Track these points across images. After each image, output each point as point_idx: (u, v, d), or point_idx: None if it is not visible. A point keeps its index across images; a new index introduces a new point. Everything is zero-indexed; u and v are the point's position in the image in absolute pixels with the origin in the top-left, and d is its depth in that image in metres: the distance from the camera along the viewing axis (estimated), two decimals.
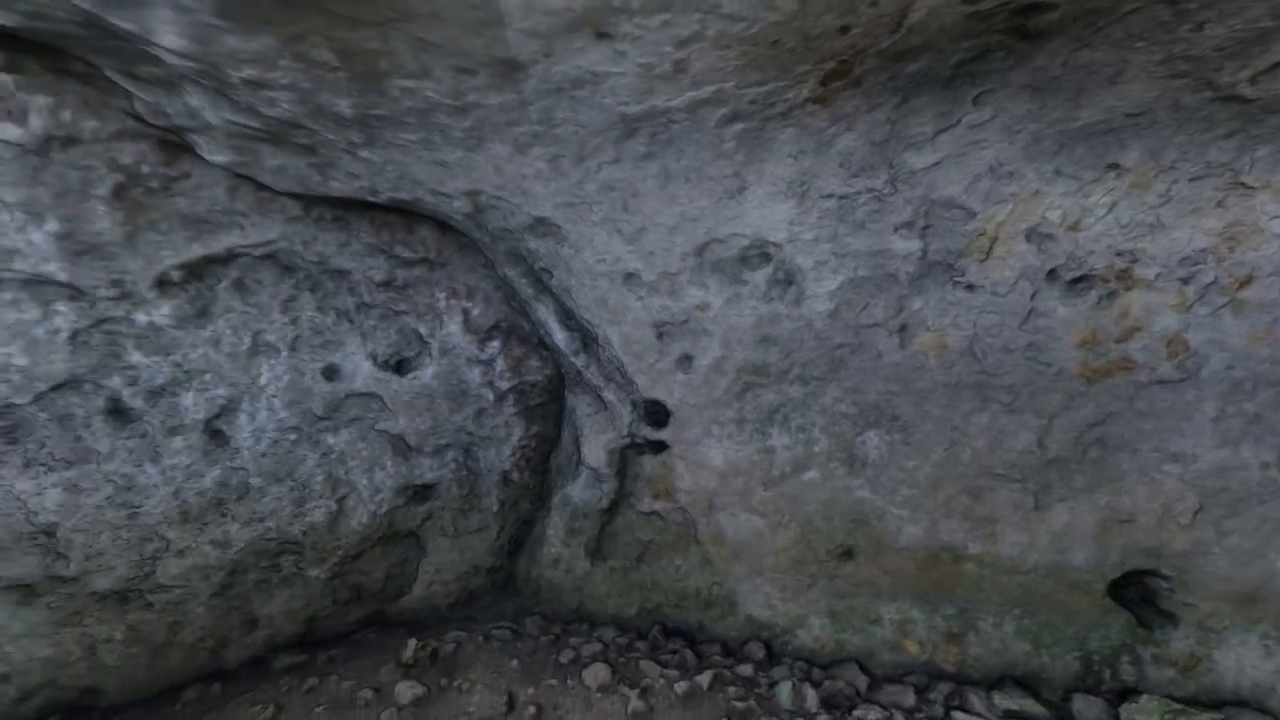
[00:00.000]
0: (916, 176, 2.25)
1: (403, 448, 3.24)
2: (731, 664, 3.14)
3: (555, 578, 3.51)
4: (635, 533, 3.44)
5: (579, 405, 3.37)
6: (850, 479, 3.00)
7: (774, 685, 2.98)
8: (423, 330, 3.13)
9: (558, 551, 3.50)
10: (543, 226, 2.53)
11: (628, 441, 3.23)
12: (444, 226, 2.91)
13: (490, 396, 3.36)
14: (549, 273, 2.81)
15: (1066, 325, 2.55)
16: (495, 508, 3.56)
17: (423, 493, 3.35)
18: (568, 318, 3.08)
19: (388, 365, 3.12)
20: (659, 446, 3.21)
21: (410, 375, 3.17)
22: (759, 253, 2.56)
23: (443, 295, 3.10)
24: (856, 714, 2.83)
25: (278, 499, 2.98)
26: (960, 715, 2.83)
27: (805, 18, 1.50)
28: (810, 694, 2.91)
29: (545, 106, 1.86)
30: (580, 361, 3.13)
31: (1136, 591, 2.98)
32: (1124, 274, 2.41)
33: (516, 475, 3.58)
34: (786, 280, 2.63)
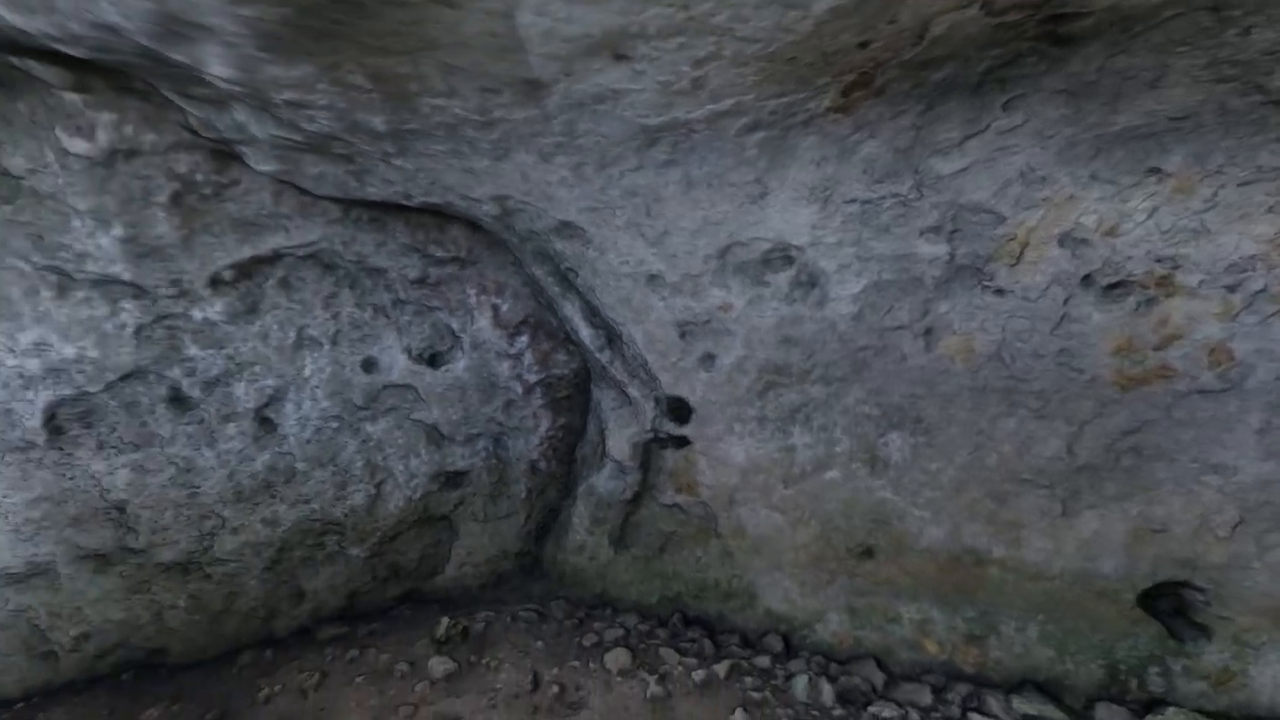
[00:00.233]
0: (943, 182, 2.23)
1: (436, 436, 3.42)
2: (749, 655, 3.24)
3: (580, 564, 3.67)
4: (658, 524, 3.56)
5: (604, 399, 3.48)
6: (872, 479, 3.03)
7: (790, 678, 3.07)
8: (455, 325, 3.29)
9: (583, 539, 3.65)
10: (568, 229, 2.62)
11: (651, 436, 3.33)
12: (474, 226, 3.03)
13: (519, 389, 3.50)
14: (574, 272, 2.91)
15: (1101, 331, 2.50)
16: (523, 495, 3.73)
17: (455, 479, 3.54)
18: (593, 315, 3.17)
19: (422, 358, 3.29)
20: (681, 441, 3.30)
21: (443, 368, 3.33)
22: (781, 255, 2.59)
23: (473, 292, 3.24)
24: (872, 710, 2.90)
25: (321, 482, 3.20)
26: (977, 717, 2.87)
27: (821, 37, 1.52)
28: (826, 688, 2.99)
29: (568, 120, 1.93)
30: (605, 358, 3.24)
31: (1169, 603, 2.94)
32: (1164, 280, 2.35)
33: (544, 464, 3.74)
34: (809, 282, 2.65)
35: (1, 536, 2.74)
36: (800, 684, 3.00)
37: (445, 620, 3.22)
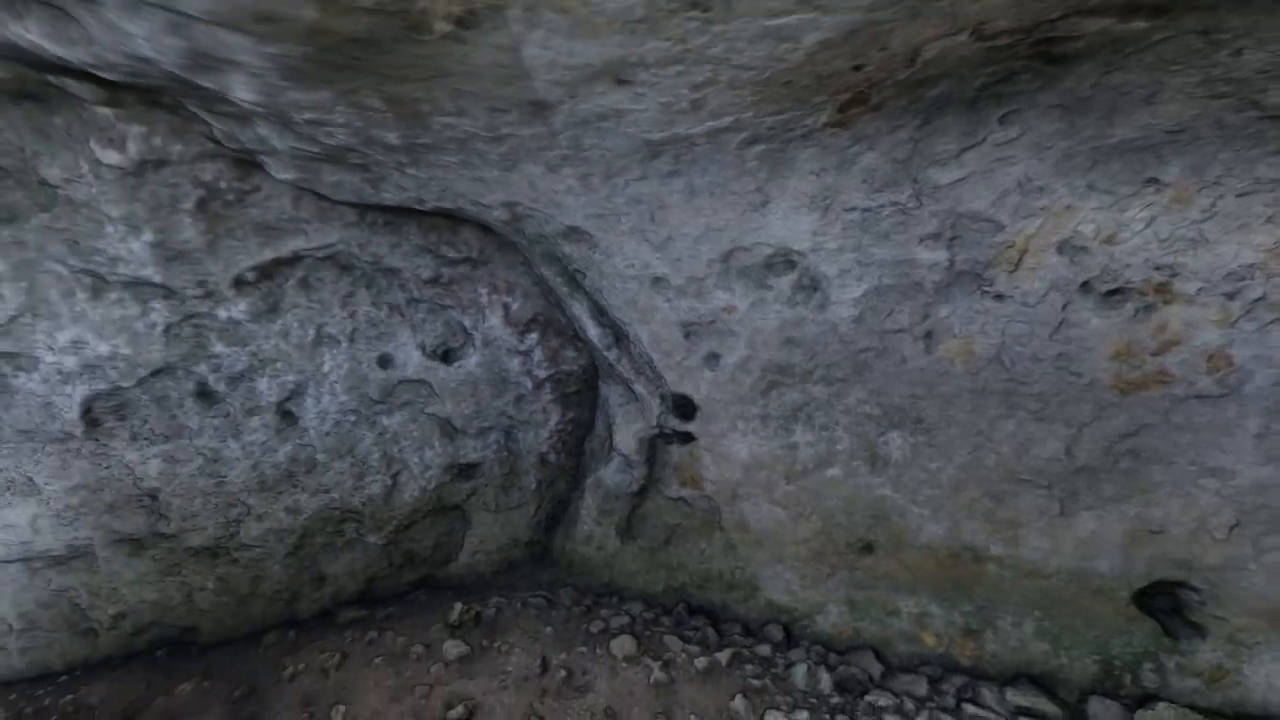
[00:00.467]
0: (942, 191, 2.30)
1: (449, 429, 3.58)
2: (751, 644, 3.39)
3: (588, 553, 3.84)
4: (663, 516, 3.71)
5: (611, 395, 3.61)
6: (872, 477, 3.14)
7: (790, 666, 3.21)
8: (467, 323, 3.43)
9: (590, 529, 3.82)
10: (575, 234, 2.73)
11: (657, 431, 3.46)
12: (485, 228, 3.15)
13: (529, 384, 3.64)
14: (582, 274, 3.02)
15: (1100, 337, 2.57)
16: (533, 486, 3.90)
17: (468, 471, 3.71)
18: (600, 315, 3.29)
19: (435, 355, 3.44)
20: (686, 437, 3.43)
21: (456, 364, 3.48)
22: (783, 260, 2.68)
23: (485, 291, 3.37)
24: (868, 699, 3.04)
25: (340, 473, 3.39)
26: (970, 708, 2.99)
27: (814, 64, 1.60)
28: (825, 677, 3.13)
29: (573, 135, 2.04)
30: (612, 355, 3.36)
31: (1165, 602, 3.03)
32: (1163, 287, 2.41)
33: (553, 457, 3.89)
34: (811, 286, 2.74)
35: (44, 521, 2.95)
36: (799, 672, 3.15)
37: (459, 605, 3.41)
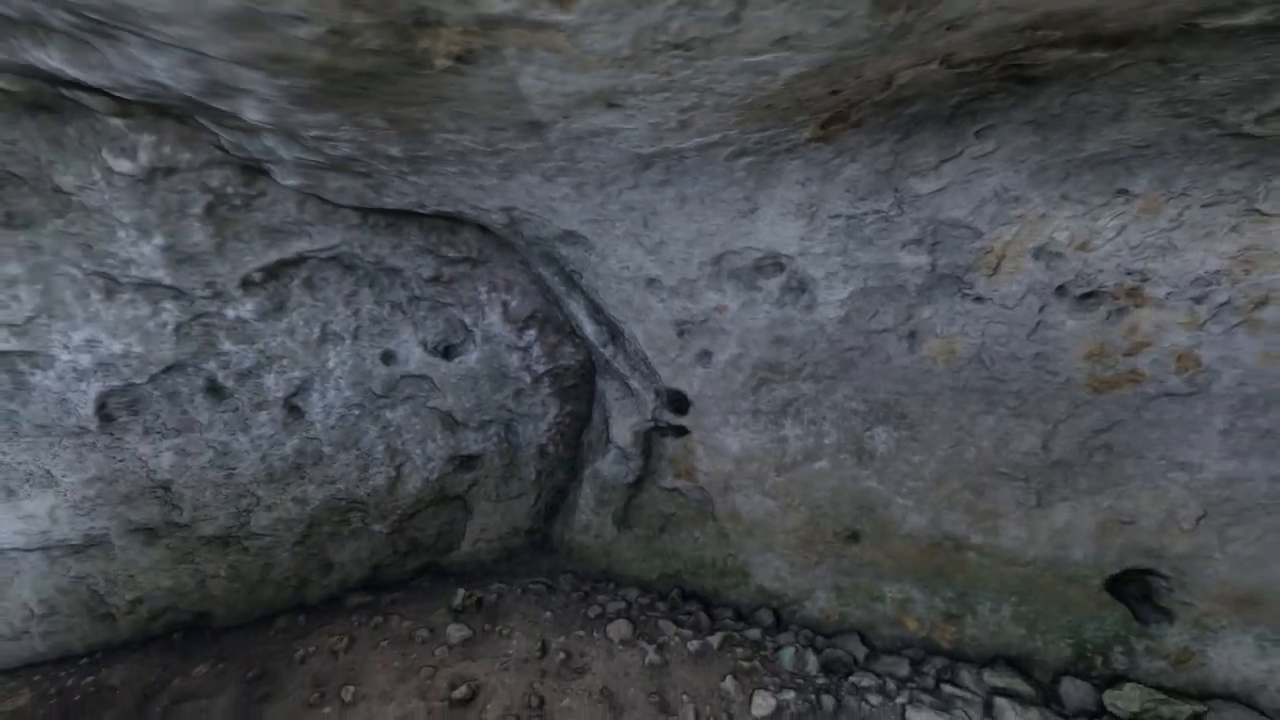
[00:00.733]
0: (922, 200, 2.43)
1: (451, 423, 3.74)
2: (742, 628, 3.59)
3: (586, 541, 4.02)
4: (658, 506, 3.88)
5: (608, 390, 3.77)
6: (858, 469, 3.30)
7: (779, 649, 3.41)
8: (467, 320, 3.57)
9: (588, 518, 4.00)
10: (571, 237, 2.86)
11: (652, 425, 3.62)
12: (484, 229, 3.27)
13: (528, 379, 3.80)
14: (578, 274, 3.16)
15: (1075, 338, 2.71)
16: (533, 477, 4.07)
17: (469, 462, 3.88)
18: (597, 313, 3.43)
19: (437, 351, 3.59)
20: (680, 431, 3.59)
21: (456, 360, 3.63)
22: (772, 263, 2.81)
23: (484, 289, 3.51)
24: (852, 680, 3.24)
25: (346, 465, 3.55)
26: (949, 688, 3.19)
27: (793, 91, 1.72)
28: (812, 659, 3.33)
29: (568, 149, 2.16)
30: (609, 352, 3.51)
31: (1135, 588, 3.21)
32: (1134, 292, 2.54)
33: (552, 449, 4.06)
34: (799, 288, 2.88)
35: (62, 512, 3.13)
36: (787, 655, 3.34)
37: (461, 591, 3.60)
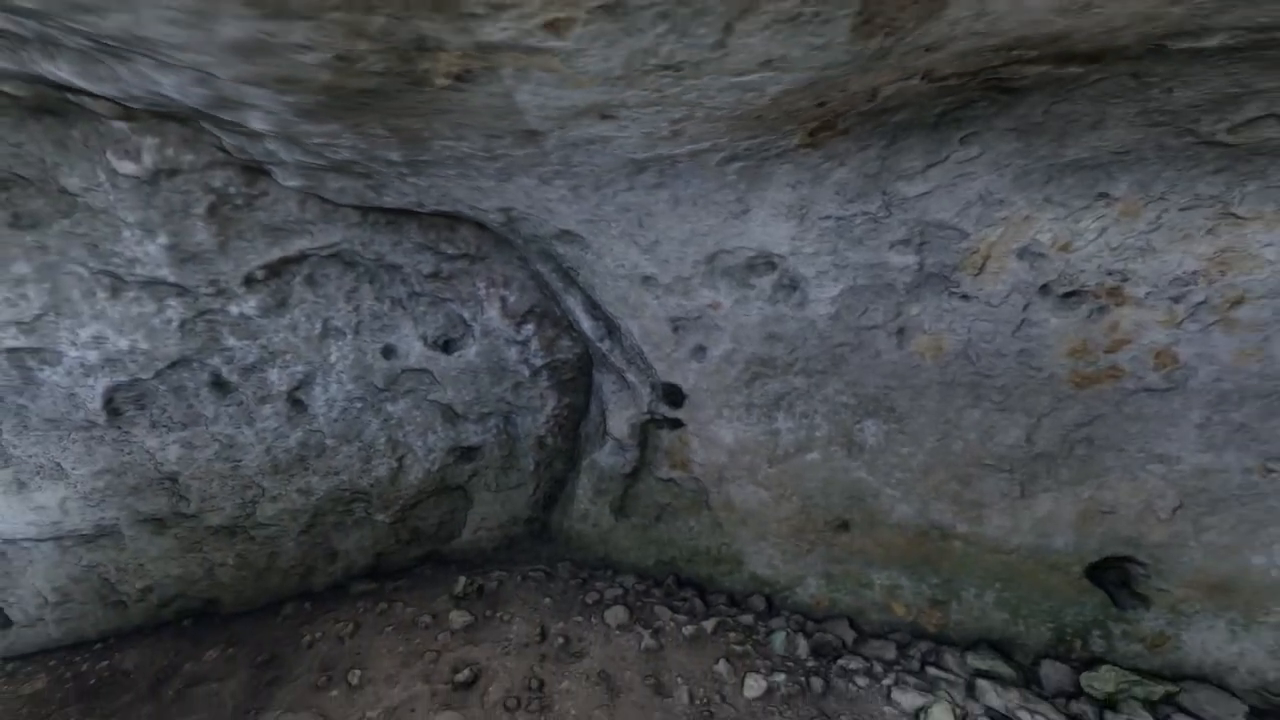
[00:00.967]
0: (909, 202, 2.51)
1: (451, 415, 3.85)
2: (735, 613, 3.73)
3: (584, 530, 4.15)
4: (654, 496, 4.01)
5: (605, 383, 3.87)
6: (848, 461, 3.42)
7: (771, 634, 3.55)
8: (466, 315, 3.66)
9: (586, 508, 4.12)
10: (568, 236, 2.94)
11: (648, 417, 3.73)
12: (482, 227, 3.35)
13: (526, 372, 3.90)
14: (575, 271, 3.24)
15: (1058, 335, 2.81)
16: (532, 467, 4.19)
17: (469, 453, 3.99)
18: (593, 308, 3.52)
19: (437, 345, 3.68)
20: (675, 423, 3.70)
21: (456, 354, 3.73)
22: (765, 262, 2.90)
23: (483, 285, 3.59)
24: (841, 662, 3.39)
25: (349, 457, 3.67)
26: (933, 670, 3.34)
27: (780, 104, 1.80)
28: (802, 643, 3.47)
29: (563, 154, 2.23)
30: (605, 347, 3.60)
31: (1115, 575, 3.35)
32: (1114, 291, 2.64)
33: (550, 440, 4.17)
34: (791, 286, 2.97)
35: (72, 503, 3.24)
36: (779, 639, 3.49)
37: (463, 579, 3.74)
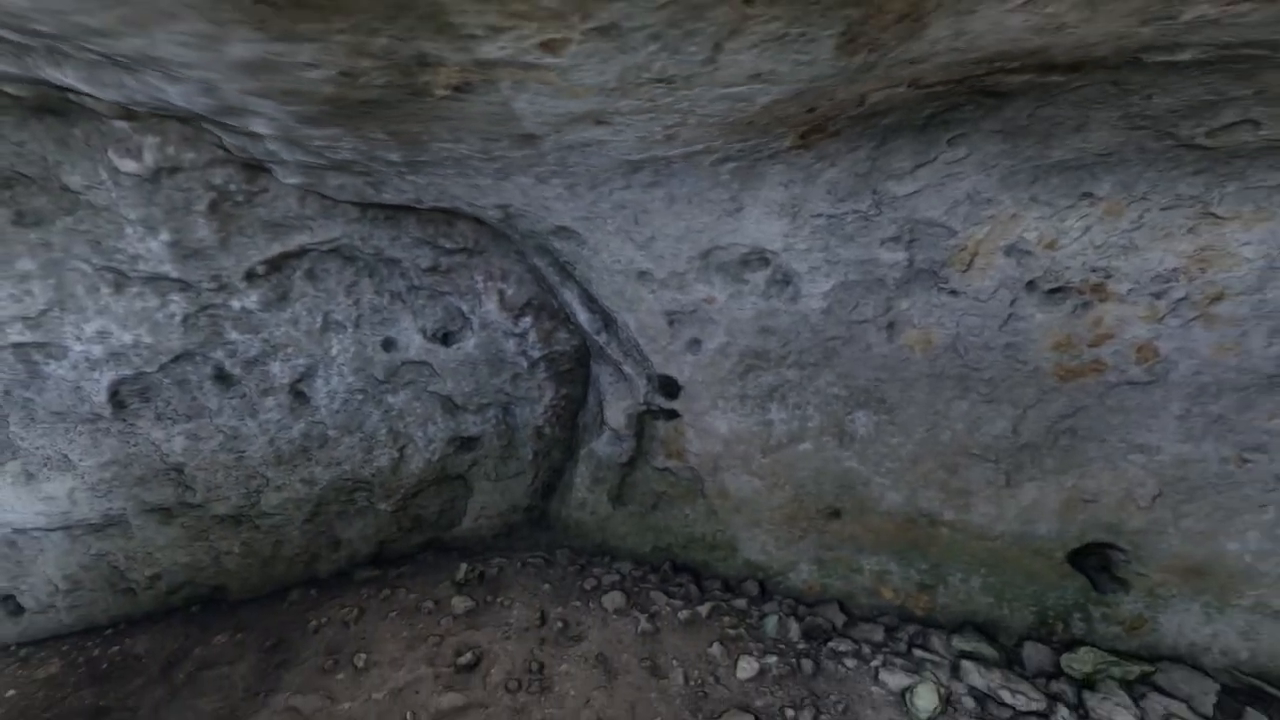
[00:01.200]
0: (899, 201, 2.58)
1: (451, 406, 3.94)
2: (729, 598, 3.85)
3: (582, 518, 4.26)
4: (650, 484, 4.12)
5: (602, 374, 3.95)
6: (840, 451, 3.52)
7: (763, 618, 3.68)
8: (464, 308, 3.73)
9: (584, 496, 4.23)
10: (564, 232, 3.01)
11: (644, 408, 3.82)
12: (480, 221, 3.41)
13: (524, 364, 3.98)
14: (572, 266, 3.31)
15: (1043, 329, 2.90)
16: (530, 457, 4.29)
17: (468, 443, 4.09)
18: (590, 302, 3.60)
19: (436, 338, 3.76)
20: (671, 414, 3.80)
21: (455, 346, 3.80)
22: (758, 258, 2.97)
23: (481, 278, 3.66)
24: (831, 645, 3.52)
25: (350, 447, 3.75)
26: (920, 652, 3.47)
27: (771, 112, 1.86)
28: (794, 626, 3.60)
29: (560, 156, 2.29)
30: (602, 339, 3.68)
31: (1096, 561, 3.48)
32: (1098, 287, 2.72)
33: (549, 430, 4.26)
34: (784, 281, 3.04)
35: (80, 494, 3.33)
36: (771, 623, 3.61)
37: (464, 565, 3.85)
